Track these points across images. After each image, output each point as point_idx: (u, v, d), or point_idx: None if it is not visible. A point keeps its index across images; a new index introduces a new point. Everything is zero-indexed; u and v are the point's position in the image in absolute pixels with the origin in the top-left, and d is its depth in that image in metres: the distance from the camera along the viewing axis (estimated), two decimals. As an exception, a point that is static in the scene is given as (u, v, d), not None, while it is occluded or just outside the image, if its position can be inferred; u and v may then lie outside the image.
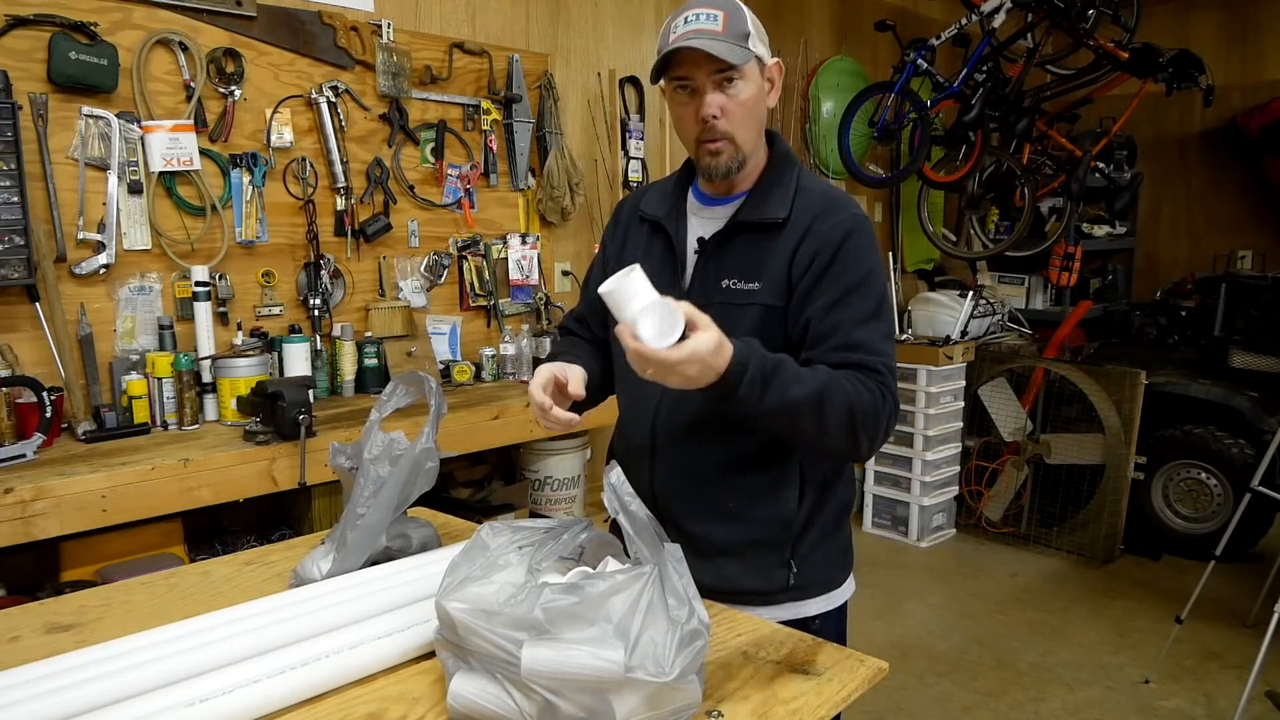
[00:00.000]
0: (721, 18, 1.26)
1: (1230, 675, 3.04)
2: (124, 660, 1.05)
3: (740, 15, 1.28)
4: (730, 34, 1.26)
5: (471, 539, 1.03)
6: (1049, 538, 4.28)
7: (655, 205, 1.45)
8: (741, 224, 1.34)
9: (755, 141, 1.35)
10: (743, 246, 1.34)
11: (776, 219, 1.32)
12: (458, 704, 0.96)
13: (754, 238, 1.34)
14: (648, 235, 1.45)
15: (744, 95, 1.28)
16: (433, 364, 3.15)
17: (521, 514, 3.23)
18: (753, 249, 1.33)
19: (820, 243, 1.30)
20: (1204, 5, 5.70)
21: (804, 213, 1.33)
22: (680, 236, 1.40)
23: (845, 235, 1.30)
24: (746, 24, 1.29)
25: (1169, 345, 4.82)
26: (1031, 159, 4.61)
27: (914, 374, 4.28)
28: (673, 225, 1.41)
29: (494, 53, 3.34)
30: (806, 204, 1.34)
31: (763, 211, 1.33)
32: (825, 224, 1.31)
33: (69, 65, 2.34)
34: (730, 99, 1.28)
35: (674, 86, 1.31)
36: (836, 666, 1.12)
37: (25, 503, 1.90)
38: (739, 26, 1.27)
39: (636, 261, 1.23)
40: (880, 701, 2.91)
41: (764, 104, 1.34)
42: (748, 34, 1.28)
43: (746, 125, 1.31)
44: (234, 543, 2.45)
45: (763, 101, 1.33)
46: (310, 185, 2.90)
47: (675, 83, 1.30)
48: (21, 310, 2.36)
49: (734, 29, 1.26)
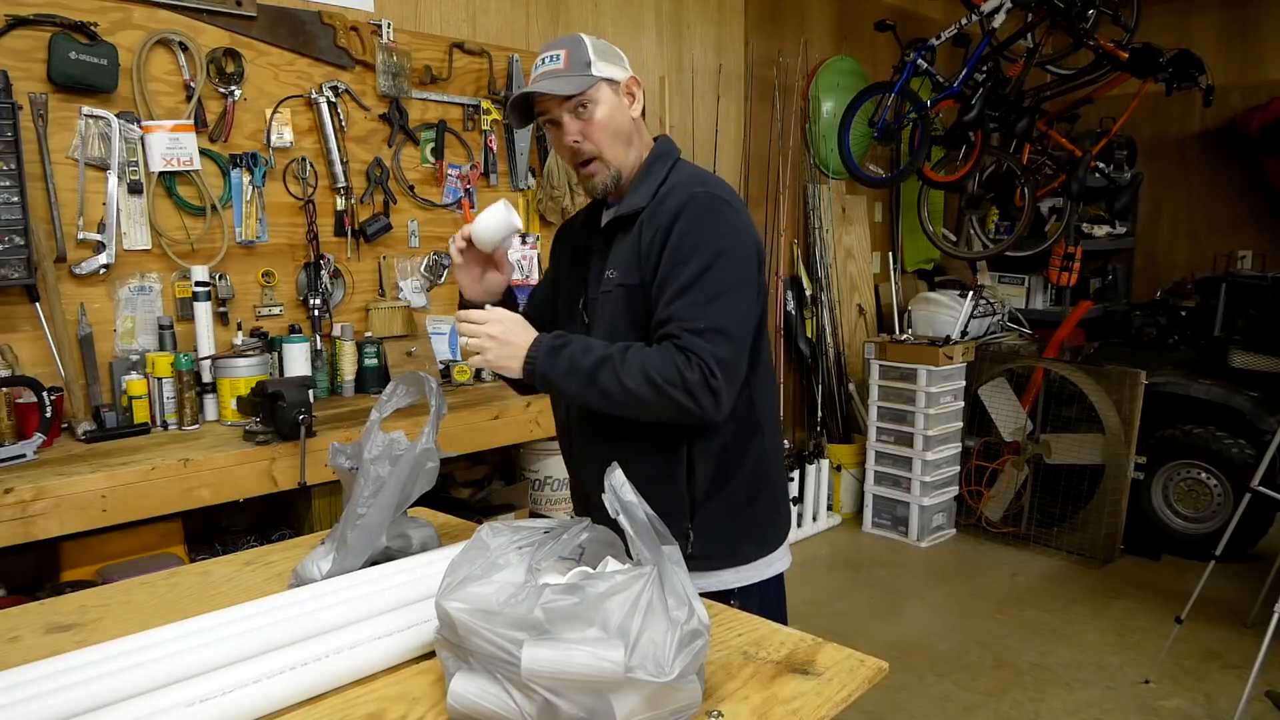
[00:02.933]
0: (563, 55, 1.45)
1: (1230, 675, 3.04)
2: (124, 660, 1.05)
3: (580, 48, 1.46)
4: (572, 68, 1.44)
5: (471, 539, 1.03)
6: (1049, 538, 4.28)
7: (578, 217, 1.68)
8: (616, 220, 1.51)
9: (625, 150, 1.50)
10: (619, 240, 1.51)
11: (637, 210, 1.48)
12: (458, 704, 0.96)
13: (626, 230, 1.50)
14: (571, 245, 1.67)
15: (599, 115, 1.45)
16: (433, 364, 3.15)
17: (521, 514, 3.23)
18: (624, 240, 1.50)
19: (656, 223, 1.44)
20: (1204, 5, 5.70)
21: (658, 200, 1.47)
22: (586, 240, 1.61)
23: (677, 213, 1.42)
24: (587, 54, 1.45)
25: (1169, 345, 4.82)
26: (1031, 159, 4.61)
27: (914, 374, 4.29)
28: (584, 231, 1.62)
29: (494, 53, 3.34)
30: (663, 192, 1.48)
31: (629, 205, 1.49)
32: (666, 204, 1.45)
33: (69, 65, 2.34)
34: (586, 122, 1.46)
35: (547, 125, 1.50)
36: (836, 666, 1.12)
37: (25, 503, 1.90)
38: (580, 57, 1.45)
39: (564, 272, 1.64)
40: (880, 701, 2.91)
41: (624, 117, 1.49)
42: (589, 62, 1.45)
43: (610, 141, 1.47)
44: (234, 543, 2.45)
45: (621, 115, 1.48)
46: (310, 185, 2.90)
47: (543, 120, 1.50)
48: (21, 310, 2.36)
49: (575, 61, 1.45)
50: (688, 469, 1.48)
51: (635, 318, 1.45)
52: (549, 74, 1.45)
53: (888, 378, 4.43)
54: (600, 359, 1.37)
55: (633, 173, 1.52)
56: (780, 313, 4.66)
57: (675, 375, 1.33)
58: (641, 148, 1.53)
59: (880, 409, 4.48)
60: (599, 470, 1.52)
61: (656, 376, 1.33)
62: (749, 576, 1.54)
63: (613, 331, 1.48)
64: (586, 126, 1.46)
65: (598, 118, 1.45)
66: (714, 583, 1.51)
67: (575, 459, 1.63)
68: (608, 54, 1.48)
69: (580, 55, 1.45)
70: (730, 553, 1.52)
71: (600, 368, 1.36)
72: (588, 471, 1.58)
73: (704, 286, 1.37)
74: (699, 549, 1.49)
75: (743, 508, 1.53)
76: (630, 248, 1.47)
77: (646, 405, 1.36)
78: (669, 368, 1.34)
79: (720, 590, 1.50)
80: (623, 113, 1.49)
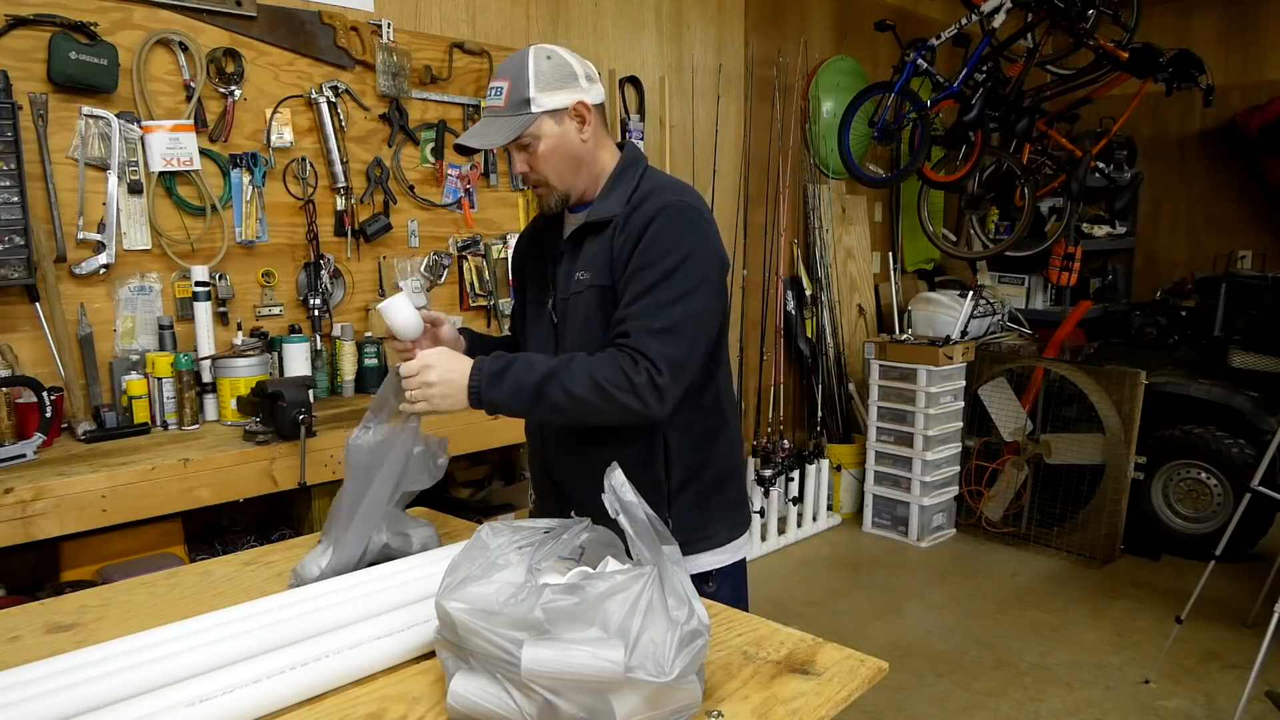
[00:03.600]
0: (505, 90, 1.47)
1: (1230, 675, 3.04)
2: (124, 660, 1.05)
3: (522, 79, 1.46)
4: (510, 105, 1.46)
5: (471, 539, 1.03)
6: (1049, 538, 4.28)
7: (540, 220, 1.69)
8: (587, 225, 1.54)
9: (574, 174, 1.53)
10: (589, 243, 1.53)
11: (610, 216, 1.51)
12: (458, 704, 0.96)
13: (596, 235, 1.53)
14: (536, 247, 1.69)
15: (542, 149, 1.48)
16: (433, 364, 3.15)
17: (521, 514, 3.23)
18: (595, 245, 1.52)
19: (630, 229, 1.47)
20: (1204, 5, 5.70)
21: (632, 207, 1.50)
22: (551, 242, 1.63)
23: (650, 220, 1.45)
24: (528, 88, 1.45)
25: (1169, 345, 4.82)
26: (1031, 159, 4.61)
27: (914, 374, 4.29)
28: (546, 235, 1.65)
29: (494, 53, 3.34)
30: (637, 200, 1.51)
31: (602, 211, 1.52)
32: (639, 211, 1.48)
33: (69, 65, 2.34)
34: (532, 155, 1.49)
35: None
36: (836, 666, 1.12)
37: (25, 503, 1.90)
38: (519, 94, 1.46)
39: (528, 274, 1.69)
40: (880, 701, 2.91)
41: (571, 143, 1.51)
42: (528, 99, 1.45)
43: (555, 170, 1.51)
44: (234, 543, 2.45)
45: (567, 142, 1.50)
46: (310, 185, 2.90)
47: None
48: (21, 310, 2.36)
49: (514, 98, 1.46)
50: (666, 457, 1.53)
51: (608, 316, 1.48)
52: (490, 112, 1.50)
53: (888, 378, 4.43)
54: (545, 374, 1.39)
55: (593, 184, 1.56)
56: (780, 313, 4.66)
57: (622, 379, 1.37)
58: (598, 164, 1.55)
59: (880, 409, 4.48)
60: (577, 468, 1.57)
61: (604, 382, 1.37)
62: (723, 559, 1.60)
63: (586, 330, 1.52)
64: (531, 158, 1.50)
65: (541, 150, 1.48)
66: (692, 566, 1.54)
67: (551, 458, 1.64)
68: (553, 80, 1.47)
69: (520, 90, 1.46)
70: (706, 536, 1.58)
71: (546, 383, 1.38)
72: (564, 470, 1.62)
73: (667, 288, 1.41)
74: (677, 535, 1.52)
75: (714, 493, 1.59)
76: (603, 251, 1.50)
77: (595, 411, 1.39)
78: (615, 372, 1.37)
79: (698, 573, 1.55)
80: (569, 139, 1.50)
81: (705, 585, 1.56)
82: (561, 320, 1.58)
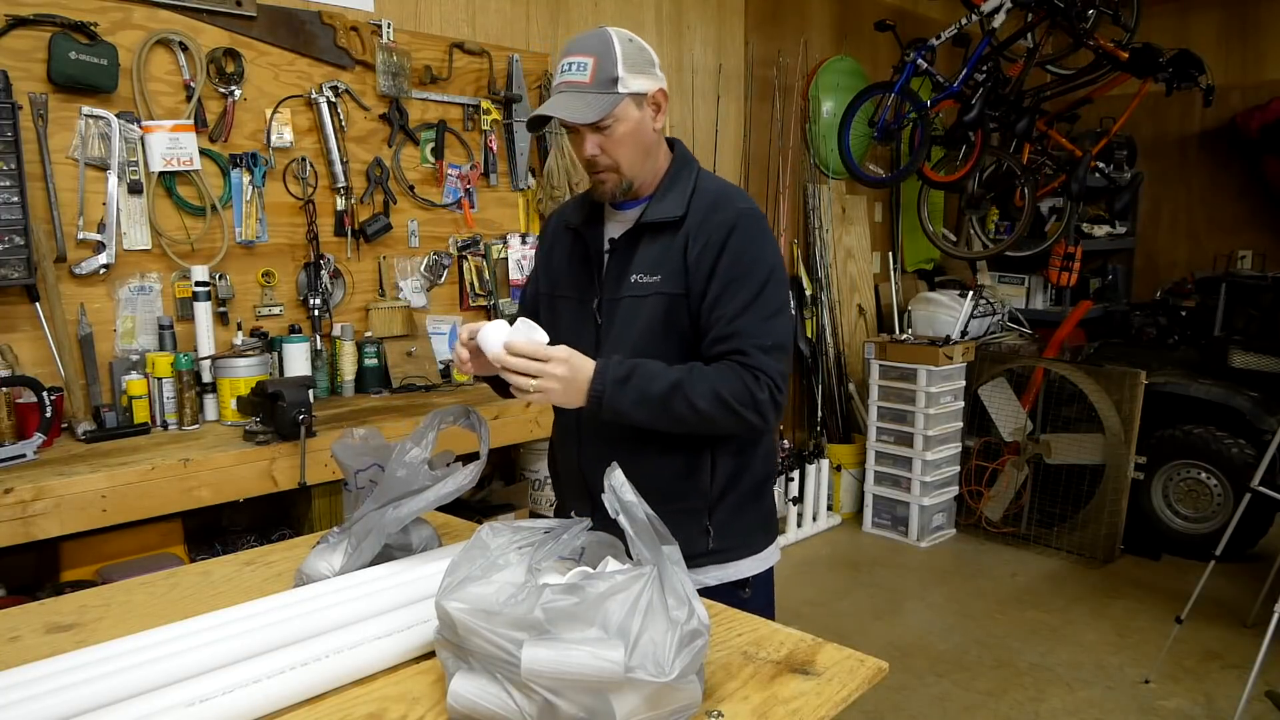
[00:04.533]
0: (590, 66, 1.40)
1: (1230, 675, 3.04)
2: (124, 660, 1.05)
3: (609, 58, 1.41)
4: (597, 83, 1.40)
5: (471, 539, 1.03)
6: (1049, 538, 4.28)
7: (573, 214, 1.62)
8: (645, 224, 1.50)
9: (642, 162, 1.49)
10: (648, 244, 1.50)
11: (674, 217, 1.47)
12: (458, 704, 0.96)
13: (656, 235, 1.49)
14: (570, 241, 1.61)
15: (619, 133, 1.44)
16: (433, 364, 3.15)
17: (521, 514, 3.23)
18: (656, 245, 1.49)
19: (709, 236, 1.44)
20: (1204, 5, 5.70)
21: (698, 209, 1.48)
22: (595, 238, 1.57)
23: (730, 229, 1.44)
24: (615, 67, 1.41)
25: (1169, 345, 4.82)
26: (1031, 159, 4.61)
27: (914, 374, 4.28)
28: (588, 230, 1.58)
29: (494, 53, 3.34)
30: (701, 202, 1.48)
31: (662, 211, 1.49)
32: (714, 218, 1.46)
33: (69, 65, 2.34)
34: (607, 138, 1.44)
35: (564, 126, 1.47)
36: (836, 666, 1.12)
37: (25, 503, 1.90)
38: (607, 72, 1.40)
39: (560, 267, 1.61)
40: (880, 701, 2.91)
41: (646, 130, 1.47)
42: (616, 78, 1.41)
43: (627, 157, 1.46)
44: (234, 543, 2.45)
45: (644, 129, 1.47)
46: (310, 185, 2.90)
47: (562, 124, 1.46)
48: (21, 310, 2.36)
49: (602, 75, 1.40)
50: (712, 465, 1.50)
51: (671, 325, 1.46)
52: (572, 87, 1.41)
53: (888, 378, 4.43)
54: (671, 385, 1.37)
55: (651, 179, 1.52)
56: (780, 313, 4.65)
57: (746, 396, 1.38)
58: (659, 158, 1.52)
59: (880, 409, 4.48)
60: None
61: (730, 398, 1.37)
62: (760, 564, 1.59)
63: (645, 335, 1.47)
64: (606, 141, 1.44)
65: (619, 134, 1.43)
66: (731, 573, 1.54)
67: (588, 462, 1.56)
68: (638, 62, 1.44)
69: (607, 69, 1.40)
70: (747, 543, 1.56)
71: (672, 395, 1.36)
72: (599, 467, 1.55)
73: (764, 304, 1.43)
74: (719, 543, 1.53)
75: (751, 499, 1.57)
76: (669, 256, 1.46)
77: (714, 424, 1.40)
78: (740, 388, 1.38)
79: (736, 580, 1.54)
80: (645, 126, 1.46)
81: (741, 591, 1.54)
82: (608, 321, 1.52)
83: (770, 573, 1.63)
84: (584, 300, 1.57)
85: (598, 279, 1.55)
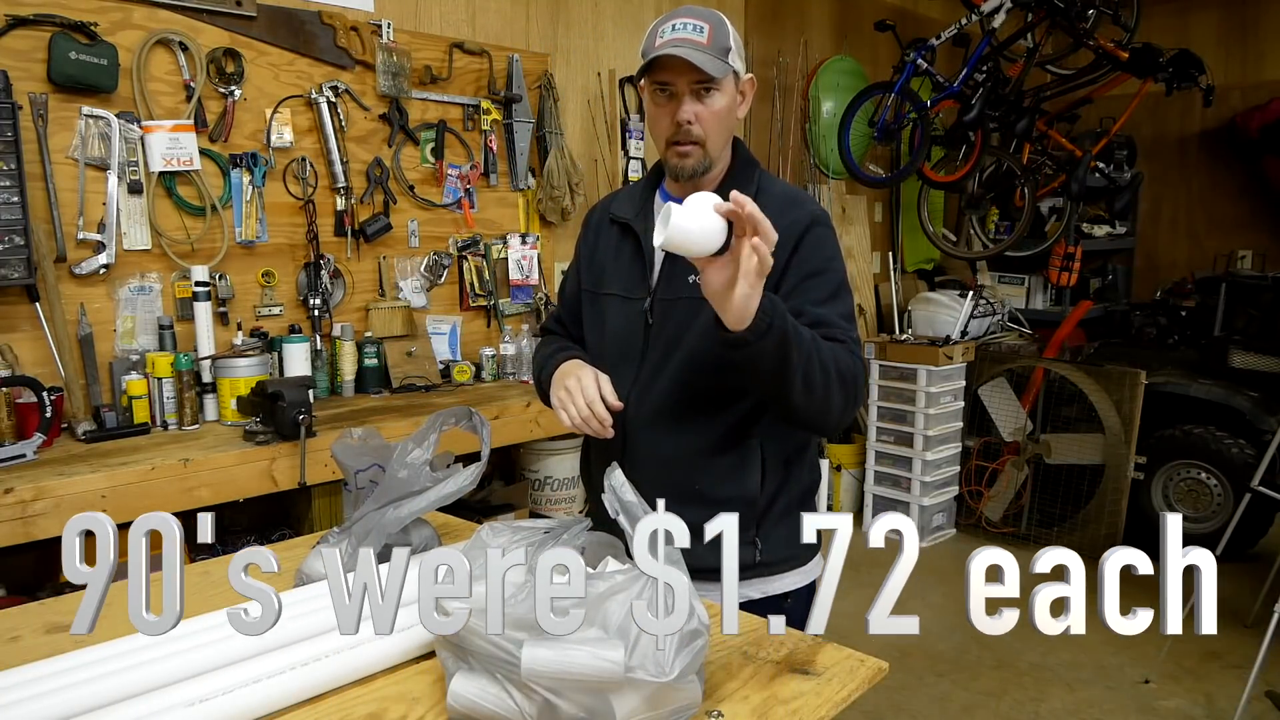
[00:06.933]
0: (707, 30, 1.35)
1: (1230, 675, 3.04)
2: (124, 660, 1.05)
3: (724, 30, 1.38)
4: (713, 47, 1.35)
5: (471, 539, 1.03)
6: (1049, 538, 4.27)
7: (624, 207, 1.55)
8: None
9: (723, 145, 1.44)
10: None
11: None
12: (458, 704, 0.96)
13: None
14: (618, 236, 1.54)
15: (718, 105, 1.38)
16: (433, 364, 3.15)
17: (521, 514, 3.23)
18: None
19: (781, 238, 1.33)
20: (1204, 5, 5.70)
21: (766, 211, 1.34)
22: (649, 236, 1.47)
23: (804, 230, 1.41)
24: (729, 39, 1.38)
25: (1169, 345, 4.82)
26: (1031, 159, 4.61)
27: (914, 374, 4.28)
28: (641, 225, 1.49)
29: (494, 53, 3.34)
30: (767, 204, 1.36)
31: None
32: (785, 220, 1.37)
33: (69, 65, 2.34)
34: (706, 108, 1.38)
35: (654, 88, 1.39)
36: (836, 666, 1.12)
37: (25, 503, 1.90)
38: (722, 41, 1.36)
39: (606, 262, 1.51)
40: (880, 701, 2.91)
41: (735, 115, 1.44)
42: (728, 49, 1.37)
43: (718, 133, 1.41)
44: (234, 543, 2.45)
45: (734, 112, 1.43)
46: (310, 185, 2.90)
47: (656, 85, 1.39)
48: (21, 310, 2.36)
49: (717, 42, 1.35)
50: (761, 468, 1.45)
51: None
52: (690, 43, 1.33)
53: (888, 378, 4.43)
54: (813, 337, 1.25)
55: (718, 172, 1.46)
56: (780, 313, 4.66)
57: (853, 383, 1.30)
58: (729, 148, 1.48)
59: (880, 409, 4.48)
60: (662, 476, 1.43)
61: (846, 373, 1.28)
62: (805, 579, 1.53)
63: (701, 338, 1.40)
64: (704, 111, 1.37)
65: (718, 107, 1.38)
66: (776, 587, 1.49)
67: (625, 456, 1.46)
68: (740, 48, 1.43)
69: (722, 38, 1.36)
70: (794, 556, 1.51)
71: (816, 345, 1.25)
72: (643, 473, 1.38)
73: (843, 300, 1.40)
74: (766, 556, 1.47)
75: (797, 510, 1.51)
76: None
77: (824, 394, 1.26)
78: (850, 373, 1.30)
79: (779, 594, 1.49)
80: (733, 109, 1.43)
81: (783, 603, 1.49)
82: (660, 321, 1.46)
83: (812, 586, 1.54)
84: (632, 298, 1.50)
85: (650, 277, 1.48)
